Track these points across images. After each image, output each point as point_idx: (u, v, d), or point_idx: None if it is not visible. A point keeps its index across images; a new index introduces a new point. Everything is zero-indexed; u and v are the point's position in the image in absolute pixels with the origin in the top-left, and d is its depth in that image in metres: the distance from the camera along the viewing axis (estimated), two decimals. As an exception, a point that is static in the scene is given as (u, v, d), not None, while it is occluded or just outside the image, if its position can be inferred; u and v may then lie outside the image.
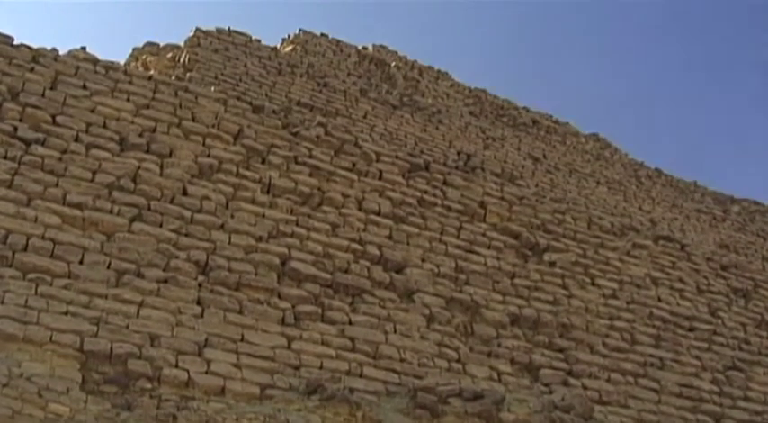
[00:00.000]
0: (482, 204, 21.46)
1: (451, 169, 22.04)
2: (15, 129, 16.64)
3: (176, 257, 16.12)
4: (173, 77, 20.87)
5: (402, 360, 16.74)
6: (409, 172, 21.24)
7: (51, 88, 17.84)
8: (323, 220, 18.55)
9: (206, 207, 17.34)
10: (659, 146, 69.85)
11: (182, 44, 23.17)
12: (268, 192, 18.49)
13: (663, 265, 23.45)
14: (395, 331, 17.28)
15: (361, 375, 15.91)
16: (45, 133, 16.85)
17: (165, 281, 15.62)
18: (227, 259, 16.62)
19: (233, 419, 13.34)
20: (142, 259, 15.73)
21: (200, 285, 15.95)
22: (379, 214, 19.50)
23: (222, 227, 17.22)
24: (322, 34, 26.69)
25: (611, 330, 20.45)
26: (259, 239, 17.38)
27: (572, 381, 18.58)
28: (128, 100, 18.48)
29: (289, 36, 26.45)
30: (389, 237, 19.19)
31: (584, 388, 18.50)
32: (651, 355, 20.42)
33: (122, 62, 21.92)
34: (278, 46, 25.55)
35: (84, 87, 18.23)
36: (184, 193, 17.38)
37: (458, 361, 17.52)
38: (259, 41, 23.89)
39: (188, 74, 21.33)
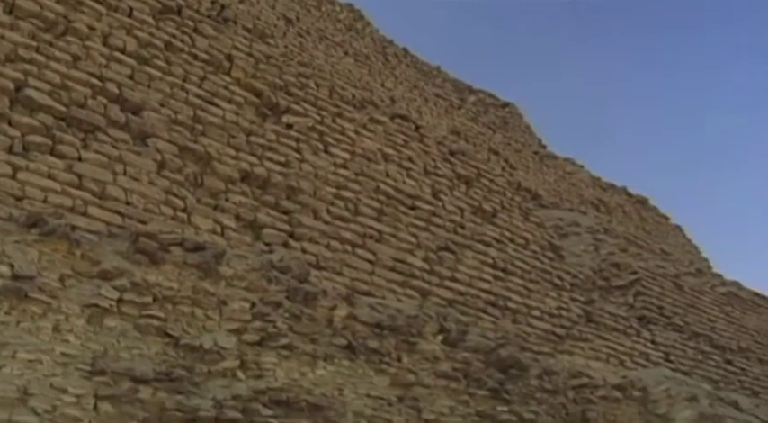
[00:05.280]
0: (229, 57, 21.28)
1: (204, 17, 21.65)
2: None
3: None
4: None
5: (128, 203, 16.69)
6: (160, 13, 20.68)
7: None
8: (65, 50, 17.89)
9: (-62, 20, 16.41)
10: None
11: None
12: (10, 12, 17.58)
13: (395, 143, 24.17)
14: (124, 173, 17.13)
15: (84, 214, 15.78)
16: None
17: None
18: (-45, 78, 15.88)
19: (-56, 244, 13.00)
20: None
21: (-76, 101, 15.22)
22: (123, 52, 18.98)
23: (-46, 43, 16.37)
24: None
25: (336, 199, 21.02)
26: (-6, 61, 16.66)
27: (293, 243, 19.12)
28: None
29: None
30: (131, 77, 18.77)
31: (304, 252, 19.10)
32: (371, 228, 21.22)
33: None
34: None
35: None
36: None
37: (183, 211, 17.65)
38: None
39: None
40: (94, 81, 17.94)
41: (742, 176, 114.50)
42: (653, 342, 27.01)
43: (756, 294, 35.11)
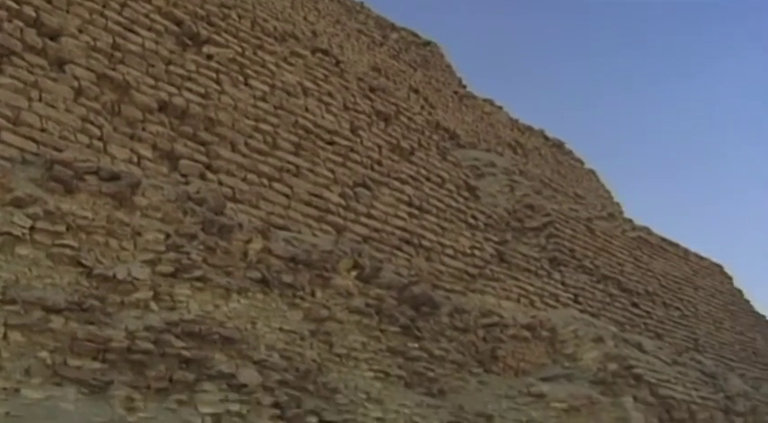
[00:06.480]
0: (151, -16, 20.93)
1: (125, -58, 21.21)
2: None
3: None
4: None
5: (43, 130, 16.39)
6: (80, -63, 20.22)
7: None
8: (-20, -30, 17.43)
9: None
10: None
11: None
12: None
13: (315, 77, 24.03)
14: (40, 100, 16.78)
15: (-2, 140, 15.52)
16: None
17: None
18: None
19: None
20: None
21: None
22: (41, -26, 18.56)
23: None
24: None
25: (255, 132, 20.88)
26: None
27: (209, 175, 19.02)
28: None
29: None
30: (49, 1, 18.32)
31: (220, 184, 19.03)
32: (289, 162, 21.16)
33: None
34: None
35: None
36: None
37: (100, 139, 17.40)
38: None
39: None
40: (10, 3, 17.45)
41: (657, 122, 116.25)
42: (563, 284, 27.57)
43: (664, 240, 35.95)
